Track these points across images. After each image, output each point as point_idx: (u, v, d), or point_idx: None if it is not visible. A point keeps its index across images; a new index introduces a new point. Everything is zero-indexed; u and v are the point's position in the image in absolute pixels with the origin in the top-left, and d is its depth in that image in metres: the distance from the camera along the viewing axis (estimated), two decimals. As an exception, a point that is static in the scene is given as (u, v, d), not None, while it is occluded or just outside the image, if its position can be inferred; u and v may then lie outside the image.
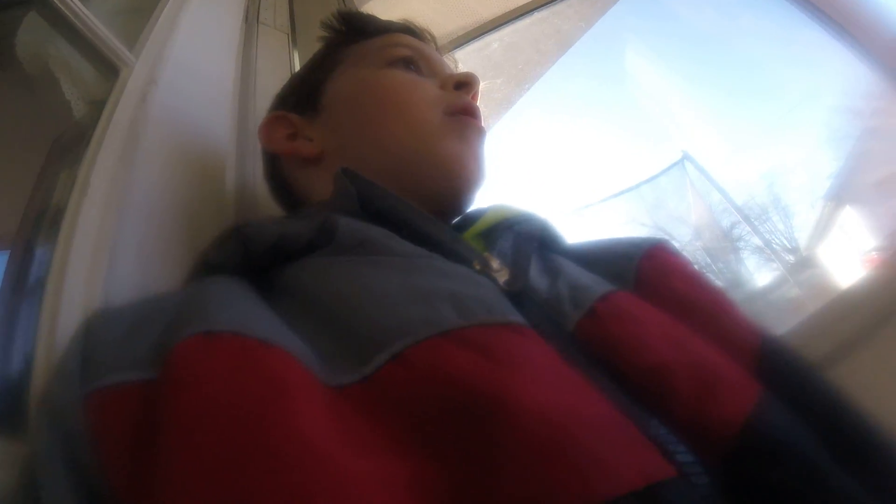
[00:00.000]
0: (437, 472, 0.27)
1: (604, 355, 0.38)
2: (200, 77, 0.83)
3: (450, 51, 0.72)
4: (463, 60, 0.72)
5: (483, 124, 0.62)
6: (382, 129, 0.58)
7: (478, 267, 0.44)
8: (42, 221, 0.62)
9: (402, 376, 0.31)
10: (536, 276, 0.46)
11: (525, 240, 0.50)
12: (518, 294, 0.42)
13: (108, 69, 0.69)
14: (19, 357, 0.50)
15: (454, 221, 0.60)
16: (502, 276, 0.44)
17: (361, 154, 0.58)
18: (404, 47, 0.64)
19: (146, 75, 0.68)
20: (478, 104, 0.64)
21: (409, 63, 0.63)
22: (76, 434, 0.30)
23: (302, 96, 0.65)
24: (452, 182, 0.57)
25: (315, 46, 0.74)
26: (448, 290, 0.36)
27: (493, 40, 1.43)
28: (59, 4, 0.67)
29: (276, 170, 0.67)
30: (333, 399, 0.31)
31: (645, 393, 0.36)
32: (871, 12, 1.09)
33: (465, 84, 0.62)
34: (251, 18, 1.19)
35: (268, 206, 0.82)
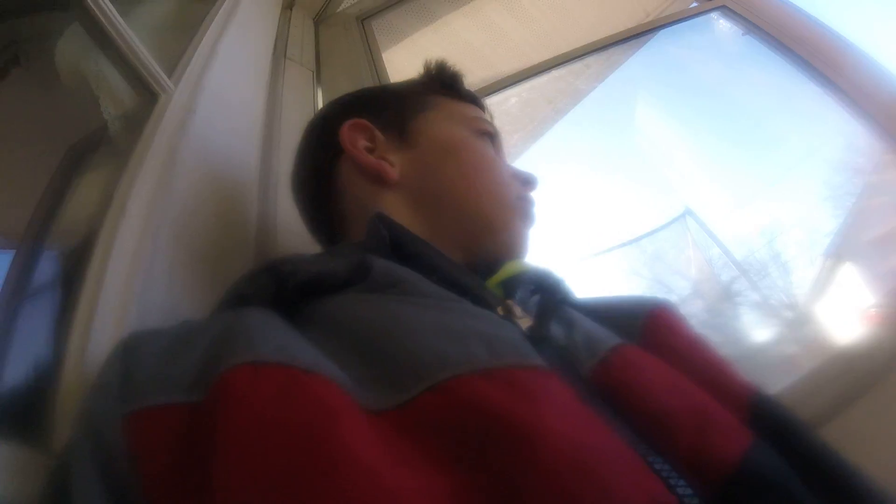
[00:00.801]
0: (475, 489, 0.29)
1: (614, 399, 0.41)
2: (233, 107, 0.85)
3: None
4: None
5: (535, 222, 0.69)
6: (470, 188, 0.62)
7: (501, 312, 0.48)
8: (50, 225, 0.63)
9: (439, 405, 0.33)
10: (554, 326, 0.50)
11: (550, 293, 0.54)
12: (539, 340, 0.45)
13: (148, 93, 0.71)
14: (34, 366, 0.51)
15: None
16: (524, 323, 0.48)
17: (438, 200, 0.61)
18: (491, 126, 0.70)
19: (185, 103, 0.71)
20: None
21: (492, 141, 0.68)
22: (115, 451, 0.31)
23: (392, 118, 0.67)
24: (506, 252, 0.61)
25: (338, 86, 0.76)
26: (479, 330, 0.39)
27: (512, 95, 1.47)
28: (104, 21, 0.69)
29: (325, 173, 0.67)
30: (373, 422, 0.32)
31: (650, 433, 0.39)
32: (867, 73, 1.14)
33: (531, 182, 0.69)
34: (279, 53, 1.23)
35: (286, 238, 0.83)
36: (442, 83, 0.72)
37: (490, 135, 0.68)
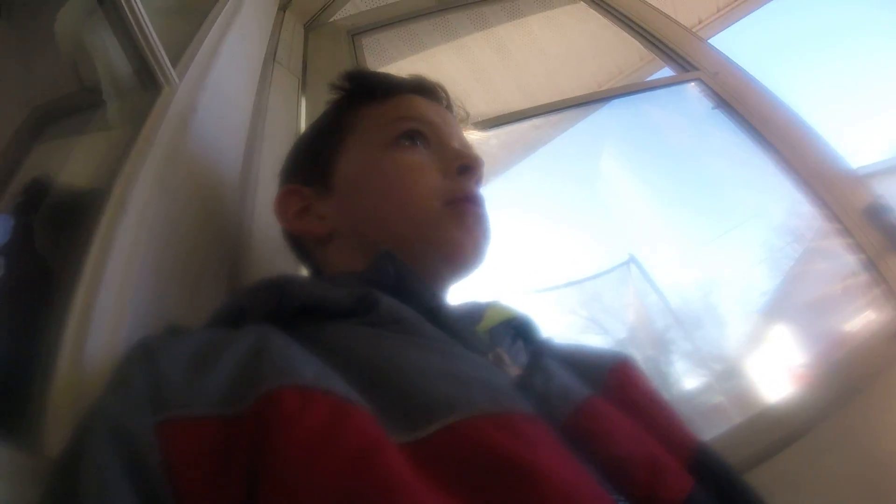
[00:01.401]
0: None
1: (585, 444, 0.45)
2: (226, 108, 0.84)
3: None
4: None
5: (483, 210, 0.63)
6: (387, 217, 0.60)
7: (491, 359, 0.52)
8: (5, 186, 0.60)
9: (452, 443, 0.36)
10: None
11: (539, 350, 0.57)
12: (523, 387, 0.49)
13: (151, 82, 0.69)
14: (15, 364, 0.48)
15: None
16: (511, 371, 0.52)
17: (369, 238, 0.60)
18: (411, 120, 0.64)
19: (187, 100, 0.69)
20: (480, 184, 0.66)
21: (416, 137, 0.63)
22: (145, 455, 0.31)
23: (313, 169, 0.66)
24: (451, 266, 0.60)
25: (322, 98, 0.74)
26: (478, 377, 0.43)
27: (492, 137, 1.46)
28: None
29: (299, 250, 0.68)
30: (400, 452, 0.35)
31: (613, 474, 0.44)
32: (818, 152, 1.23)
33: (468, 169, 0.63)
34: (268, 55, 1.21)
35: (263, 246, 0.82)
36: (355, 93, 0.69)
37: (415, 131, 0.63)
